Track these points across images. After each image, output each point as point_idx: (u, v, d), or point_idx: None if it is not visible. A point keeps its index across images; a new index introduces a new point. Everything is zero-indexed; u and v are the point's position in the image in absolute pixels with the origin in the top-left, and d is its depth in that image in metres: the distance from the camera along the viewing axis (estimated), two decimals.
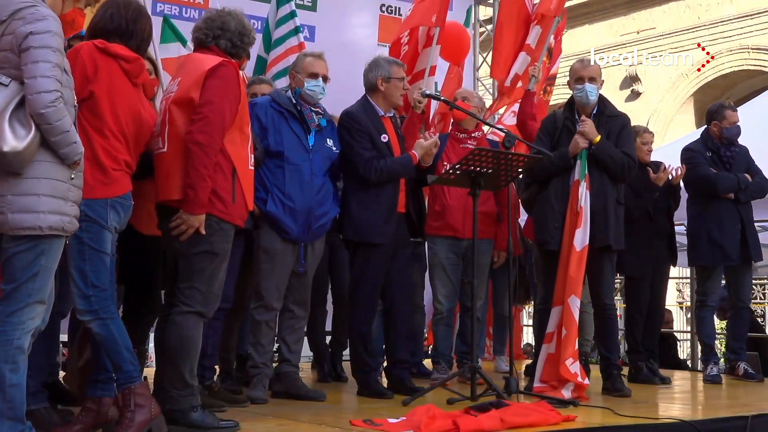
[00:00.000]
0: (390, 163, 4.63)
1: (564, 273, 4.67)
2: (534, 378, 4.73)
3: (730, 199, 5.84)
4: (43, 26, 2.76)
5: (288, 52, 6.11)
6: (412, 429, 3.45)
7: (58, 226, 2.79)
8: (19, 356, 2.77)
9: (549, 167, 4.87)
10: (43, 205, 2.75)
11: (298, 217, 4.42)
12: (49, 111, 2.72)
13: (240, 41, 3.69)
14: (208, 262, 3.46)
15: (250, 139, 3.69)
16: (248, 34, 3.74)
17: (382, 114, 4.79)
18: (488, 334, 6.88)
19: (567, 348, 4.56)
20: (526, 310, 9.64)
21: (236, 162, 3.54)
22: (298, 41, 6.18)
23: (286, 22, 6.23)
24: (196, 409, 3.43)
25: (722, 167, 5.91)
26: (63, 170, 2.82)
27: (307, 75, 4.54)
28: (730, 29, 16.20)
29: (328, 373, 5.72)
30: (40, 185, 2.76)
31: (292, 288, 4.54)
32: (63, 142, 2.78)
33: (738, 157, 5.97)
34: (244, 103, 3.63)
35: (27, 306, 2.78)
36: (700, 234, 5.93)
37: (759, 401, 4.96)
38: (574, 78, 5.00)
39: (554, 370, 4.58)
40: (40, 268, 2.79)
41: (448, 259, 5.43)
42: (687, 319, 13.86)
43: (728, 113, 5.98)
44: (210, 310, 3.53)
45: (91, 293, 3.17)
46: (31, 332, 2.81)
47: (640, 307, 5.93)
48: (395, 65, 4.85)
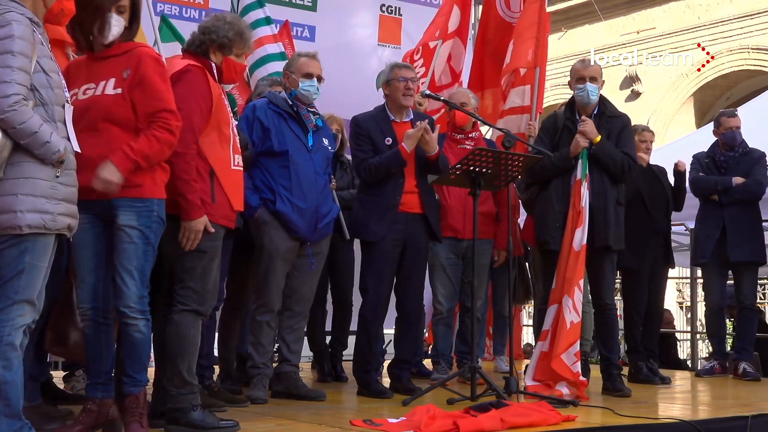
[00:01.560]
0: (378, 159, 4.66)
1: (563, 272, 4.68)
2: (526, 376, 4.74)
3: (715, 201, 6.08)
4: (4, 32, 2.77)
5: (262, 41, 6.03)
6: (412, 429, 3.45)
7: (38, 225, 2.79)
8: (11, 353, 2.77)
9: (550, 167, 4.88)
10: (22, 204, 2.76)
11: (305, 216, 4.44)
12: (8, 116, 2.74)
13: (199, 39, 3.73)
14: (197, 260, 3.49)
15: (232, 140, 3.69)
16: (215, 30, 3.74)
17: (392, 119, 4.80)
18: (488, 334, 6.88)
19: (558, 344, 4.57)
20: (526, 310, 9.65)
21: (215, 163, 3.57)
22: (272, 31, 6.12)
23: (253, 10, 6.16)
24: (196, 408, 3.43)
25: (717, 171, 6.12)
26: (45, 169, 2.82)
27: (301, 75, 4.54)
28: (730, 29, 16.19)
29: (328, 373, 5.71)
30: (19, 185, 2.78)
31: (293, 288, 4.54)
32: (33, 144, 2.79)
33: (734, 162, 6.12)
34: (219, 104, 3.62)
35: (15, 304, 2.78)
36: (694, 235, 6.28)
37: (759, 401, 4.96)
38: (575, 78, 5.00)
39: (547, 368, 4.59)
40: (24, 265, 2.78)
41: (448, 260, 5.44)
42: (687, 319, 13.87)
43: (723, 120, 6.26)
44: (206, 308, 3.57)
45: (144, 294, 3.25)
46: (22, 329, 2.80)
47: (637, 304, 5.95)
48: (396, 67, 4.86)
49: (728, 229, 6.01)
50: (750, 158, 6.11)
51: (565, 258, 4.69)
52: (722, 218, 6.03)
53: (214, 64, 3.70)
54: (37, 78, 2.85)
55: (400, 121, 4.81)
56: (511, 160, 4.54)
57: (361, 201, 4.85)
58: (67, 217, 2.89)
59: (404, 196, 4.72)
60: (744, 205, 6.03)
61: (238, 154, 3.74)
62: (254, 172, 4.45)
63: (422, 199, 4.78)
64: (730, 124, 6.17)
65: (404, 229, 4.71)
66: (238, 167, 3.74)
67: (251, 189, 4.38)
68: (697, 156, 6.31)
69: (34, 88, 2.84)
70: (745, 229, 6.02)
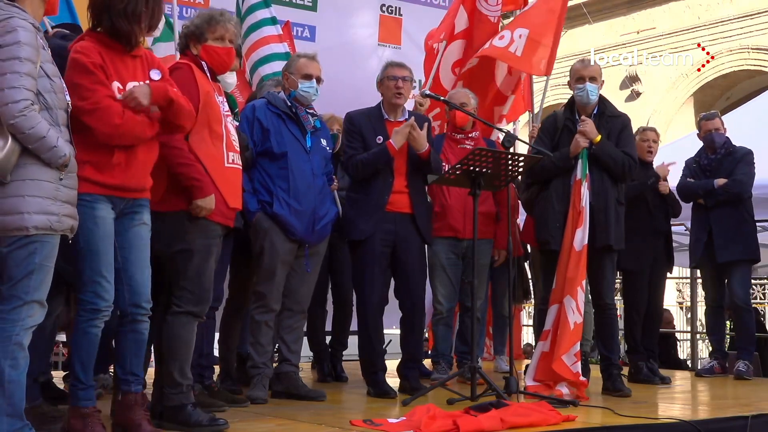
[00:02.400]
0: (365, 155, 4.67)
1: (563, 272, 4.68)
2: (527, 376, 4.74)
3: (701, 204, 6.16)
4: (11, 38, 2.81)
5: (268, 40, 6.06)
6: (412, 429, 3.45)
7: (45, 226, 2.84)
8: (19, 353, 2.81)
9: (550, 167, 4.88)
10: (29, 205, 2.81)
11: (302, 218, 4.44)
12: (18, 121, 2.78)
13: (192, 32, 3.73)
14: (187, 260, 3.50)
15: (225, 137, 3.68)
16: (187, 25, 3.76)
17: (386, 117, 4.80)
18: (488, 334, 6.88)
19: (561, 345, 4.56)
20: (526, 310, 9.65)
21: (206, 160, 3.57)
22: (277, 31, 6.13)
23: (259, 9, 6.18)
24: (188, 407, 3.47)
25: (703, 175, 6.20)
26: (50, 171, 2.88)
27: (301, 76, 4.54)
28: (730, 29, 16.19)
29: (328, 373, 5.72)
30: (25, 186, 2.82)
31: (292, 288, 4.54)
32: (41, 149, 2.84)
33: (717, 163, 6.15)
34: (208, 101, 3.62)
35: (25, 304, 2.82)
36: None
37: (759, 401, 4.95)
38: (575, 78, 5.00)
39: (548, 368, 4.59)
40: (34, 266, 2.83)
41: (448, 260, 5.44)
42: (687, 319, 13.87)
43: (702, 123, 6.34)
44: (202, 309, 3.58)
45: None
46: (31, 330, 2.85)
47: (637, 304, 5.95)
48: (390, 66, 4.87)
49: (714, 231, 6.08)
50: (733, 158, 6.14)
51: (565, 258, 4.69)
52: (708, 221, 6.10)
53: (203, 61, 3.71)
54: (42, 83, 2.90)
55: (394, 120, 4.81)
56: (511, 160, 4.55)
57: (349, 200, 4.86)
58: (69, 219, 2.94)
59: (393, 195, 4.72)
60: (730, 205, 6.04)
61: (233, 151, 3.73)
62: (253, 174, 4.45)
63: (412, 199, 4.77)
64: (709, 127, 6.22)
65: (393, 228, 4.71)
66: (234, 165, 3.72)
67: (250, 192, 4.38)
68: (687, 161, 6.37)
69: (39, 92, 2.88)
70: (731, 229, 6.05)
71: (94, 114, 3.11)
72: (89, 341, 3.17)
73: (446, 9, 7.53)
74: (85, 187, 3.09)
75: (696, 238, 6.22)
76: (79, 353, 3.17)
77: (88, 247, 3.13)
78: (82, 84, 3.13)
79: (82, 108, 3.10)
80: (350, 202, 4.83)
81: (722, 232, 6.05)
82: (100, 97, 3.12)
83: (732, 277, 6.11)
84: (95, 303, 3.14)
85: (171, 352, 3.53)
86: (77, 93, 3.12)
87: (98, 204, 3.15)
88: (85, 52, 3.16)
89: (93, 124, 3.12)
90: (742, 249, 6.04)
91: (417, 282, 4.84)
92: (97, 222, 3.14)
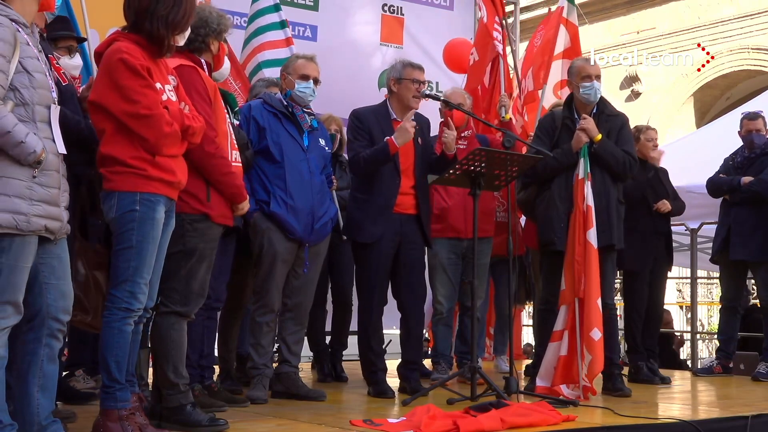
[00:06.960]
0: (368, 152, 4.65)
1: (570, 272, 4.65)
2: (538, 376, 4.70)
3: (727, 200, 6.18)
4: None
5: (275, 44, 6.06)
6: (412, 429, 3.45)
7: (10, 225, 2.73)
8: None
9: (554, 165, 4.86)
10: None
11: (300, 217, 4.43)
12: None
13: (195, 35, 3.67)
14: (182, 261, 3.50)
15: (229, 137, 3.69)
16: (204, 25, 3.73)
17: (394, 117, 4.79)
18: (488, 334, 6.88)
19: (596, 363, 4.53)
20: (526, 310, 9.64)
21: None
22: (285, 35, 6.13)
23: (268, 13, 6.18)
24: (187, 407, 3.47)
25: (735, 172, 6.21)
26: (21, 169, 2.78)
27: (298, 77, 4.54)
28: (730, 29, 16.18)
29: (328, 373, 5.71)
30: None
31: (292, 288, 4.54)
32: (7, 144, 2.74)
33: (749, 162, 6.17)
34: (215, 100, 3.64)
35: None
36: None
37: (759, 401, 4.96)
38: (581, 76, 4.96)
39: (568, 374, 4.56)
40: (1, 266, 2.73)
41: (448, 260, 5.43)
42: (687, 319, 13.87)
43: (744, 122, 6.33)
44: (190, 309, 3.57)
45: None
46: (4, 331, 2.75)
47: (637, 304, 5.95)
48: (409, 67, 4.82)
49: (732, 229, 6.09)
50: (766, 159, 6.14)
51: (570, 258, 4.66)
52: (729, 218, 6.13)
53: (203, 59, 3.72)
54: (18, 78, 2.81)
55: (402, 120, 4.80)
56: (511, 160, 4.54)
57: (355, 200, 4.82)
58: (43, 219, 2.82)
59: (400, 197, 4.71)
60: (753, 204, 6.02)
61: (236, 150, 3.75)
62: (250, 173, 4.43)
63: (418, 200, 4.77)
64: (750, 127, 6.23)
65: (399, 230, 4.70)
66: (236, 163, 3.73)
67: (248, 192, 4.37)
68: (726, 158, 6.38)
69: (14, 88, 2.80)
70: (749, 229, 6.02)
71: (146, 120, 3.07)
72: (124, 339, 3.14)
73: (448, 9, 7.53)
74: (149, 186, 3.10)
75: (717, 234, 6.28)
76: (114, 352, 3.12)
77: (139, 246, 3.11)
78: (131, 86, 3.08)
79: (131, 112, 3.06)
80: (356, 203, 4.80)
81: (740, 230, 6.06)
82: (153, 103, 3.09)
83: (755, 277, 6.17)
84: (130, 303, 3.12)
85: (162, 353, 3.52)
86: (123, 94, 3.07)
87: (159, 206, 3.15)
88: (133, 54, 3.11)
89: (142, 130, 3.08)
90: (760, 249, 6.01)
91: (419, 282, 4.84)
92: (155, 225, 3.14)
